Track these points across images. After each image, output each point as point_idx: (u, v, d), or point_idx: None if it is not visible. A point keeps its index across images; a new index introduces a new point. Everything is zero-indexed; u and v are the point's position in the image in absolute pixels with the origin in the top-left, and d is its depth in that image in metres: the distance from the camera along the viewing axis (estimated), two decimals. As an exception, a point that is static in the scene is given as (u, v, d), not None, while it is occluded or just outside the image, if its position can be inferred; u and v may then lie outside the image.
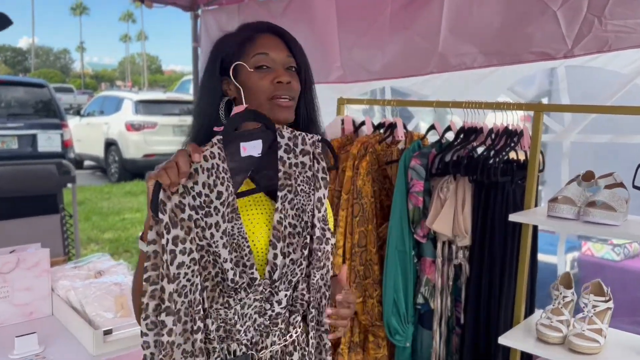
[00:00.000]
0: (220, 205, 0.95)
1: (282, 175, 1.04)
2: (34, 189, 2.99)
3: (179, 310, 0.92)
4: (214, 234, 0.94)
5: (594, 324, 1.64)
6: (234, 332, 1.00)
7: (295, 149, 1.06)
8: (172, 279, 0.90)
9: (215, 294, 0.98)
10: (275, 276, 1.02)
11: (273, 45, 1.12)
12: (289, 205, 1.03)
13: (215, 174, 0.95)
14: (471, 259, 1.90)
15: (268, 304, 1.03)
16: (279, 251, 1.02)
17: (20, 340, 1.71)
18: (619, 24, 1.72)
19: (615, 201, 1.60)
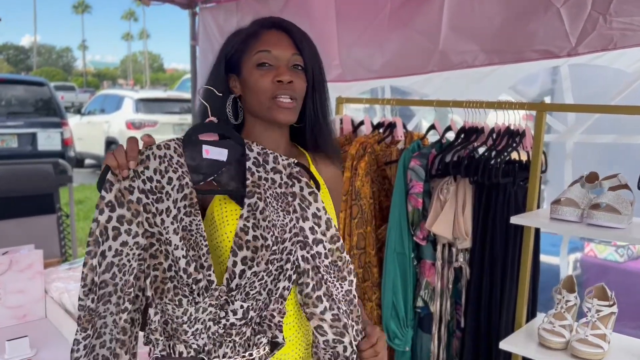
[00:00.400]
0: (171, 191, 0.96)
1: (250, 184, 1.02)
2: (30, 189, 2.96)
3: (116, 284, 0.95)
4: (165, 219, 0.95)
5: (597, 329, 1.61)
6: (180, 332, 0.97)
7: (265, 164, 1.04)
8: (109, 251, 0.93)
9: (165, 287, 0.96)
10: (233, 284, 0.97)
11: (277, 41, 1.08)
12: (260, 215, 0.99)
13: (167, 162, 0.97)
14: (472, 261, 1.86)
15: (223, 312, 0.98)
16: (239, 259, 0.97)
17: (12, 344, 1.68)
18: (625, 21, 1.68)
19: (620, 203, 1.56)
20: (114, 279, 0.94)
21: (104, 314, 0.96)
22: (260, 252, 0.98)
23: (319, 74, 1.13)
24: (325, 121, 1.16)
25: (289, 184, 1.04)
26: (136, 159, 0.94)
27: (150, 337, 0.97)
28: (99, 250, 0.93)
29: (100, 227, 0.93)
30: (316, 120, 1.14)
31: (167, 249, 0.95)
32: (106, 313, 0.96)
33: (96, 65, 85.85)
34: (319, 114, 1.14)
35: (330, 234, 1.04)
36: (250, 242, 0.98)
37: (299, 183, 1.04)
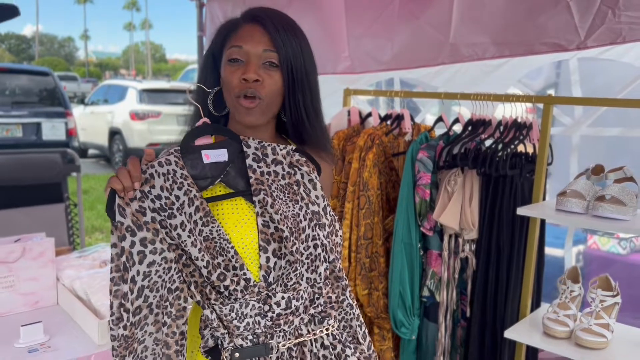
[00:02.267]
0: (181, 207, 0.96)
1: (254, 182, 1.02)
2: (38, 178, 2.99)
3: (150, 304, 0.96)
4: (181, 234, 0.95)
5: (601, 318, 1.63)
6: (232, 328, 1.00)
7: (265, 158, 1.05)
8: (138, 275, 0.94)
9: (206, 290, 0.98)
10: (271, 278, 1.00)
11: (250, 36, 1.04)
12: (271, 209, 1.01)
13: (171, 179, 0.97)
14: (478, 252, 1.88)
15: (267, 305, 1.01)
16: (270, 254, 1.00)
17: (26, 329, 1.71)
18: (634, 15, 1.69)
19: (625, 195, 1.58)
20: (146, 301, 0.95)
21: (142, 337, 0.97)
22: (285, 242, 1.00)
23: (301, 72, 1.06)
24: (309, 119, 1.10)
25: (291, 173, 1.05)
26: (140, 179, 0.94)
27: (216, 334, 1.00)
28: (129, 276, 0.93)
29: (125, 254, 0.93)
30: (298, 118, 1.09)
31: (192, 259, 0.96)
32: (145, 336, 0.97)
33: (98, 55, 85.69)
34: (302, 112, 1.09)
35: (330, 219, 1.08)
36: (274, 234, 1.00)
37: (299, 171, 1.06)
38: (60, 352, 1.68)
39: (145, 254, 0.94)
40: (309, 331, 1.05)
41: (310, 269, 1.03)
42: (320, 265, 1.04)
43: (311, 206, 1.05)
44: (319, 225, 1.05)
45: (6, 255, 1.93)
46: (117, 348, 0.95)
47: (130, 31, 67.79)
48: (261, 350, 1.01)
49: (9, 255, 1.94)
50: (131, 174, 0.93)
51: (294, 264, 1.01)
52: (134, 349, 0.97)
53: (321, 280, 1.05)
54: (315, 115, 1.11)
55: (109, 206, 0.94)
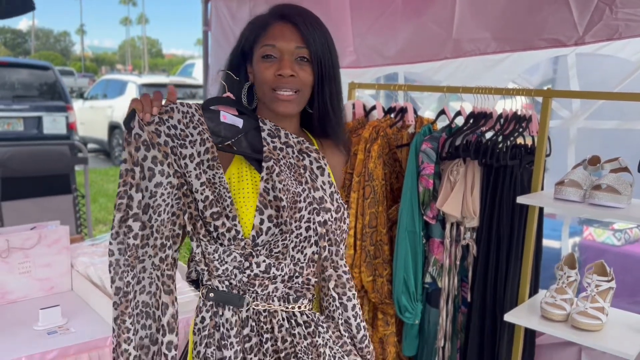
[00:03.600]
0: (193, 141, 1.02)
1: (266, 150, 1.09)
2: (47, 170, 3.05)
3: (152, 225, 1.00)
4: (188, 164, 1.01)
5: (596, 302, 1.71)
6: (212, 268, 1.06)
7: (278, 137, 1.12)
8: (146, 192, 0.98)
9: (198, 224, 1.03)
10: (259, 240, 1.06)
11: (282, 35, 1.11)
12: (277, 178, 1.06)
13: (189, 118, 1.04)
14: (478, 239, 1.95)
15: (247, 262, 1.06)
16: (265, 217, 1.06)
17: (45, 312, 1.78)
18: (630, 12, 1.76)
19: (620, 185, 1.65)
20: (150, 221, 0.99)
21: (142, 257, 1.00)
22: (282, 211, 1.06)
23: (329, 66, 1.14)
24: (334, 112, 1.18)
25: (300, 158, 1.12)
26: (160, 106, 1.02)
27: (197, 268, 1.07)
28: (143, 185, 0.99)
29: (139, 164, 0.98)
30: (325, 110, 1.17)
31: (192, 190, 1.03)
32: (144, 257, 1.00)
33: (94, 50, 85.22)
34: (328, 105, 1.17)
35: (336, 205, 1.13)
36: (272, 202, 1.06)
37: (308, 157, 1.13)
38: (78, 334, 1.74)
39: (154, 173, 0.99)
40: (280, 304, 1.10)
41: (297, 248, 1.08)
42: (307, 247, 1.09)
43: (314, 191, 1.10)
44: (317, 210, 1.10)
45: (23, 242, 1.99)
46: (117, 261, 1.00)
47: (127, 26, 67.51)
48: (235, 299, 1.06)
49: (26, 242, 2.00)
50: (152, 101, 1.01)
51: (284, 234, 1.06)
52: (134, 265, 1.00)
53: (304, 261, 1.10)
54: (339, 108, 1.20)
55: (128, 120, 1.00)
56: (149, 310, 1.03)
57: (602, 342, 1.63)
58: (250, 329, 1.07)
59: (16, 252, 1.98)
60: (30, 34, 60.89)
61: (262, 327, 1.08)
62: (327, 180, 1.13)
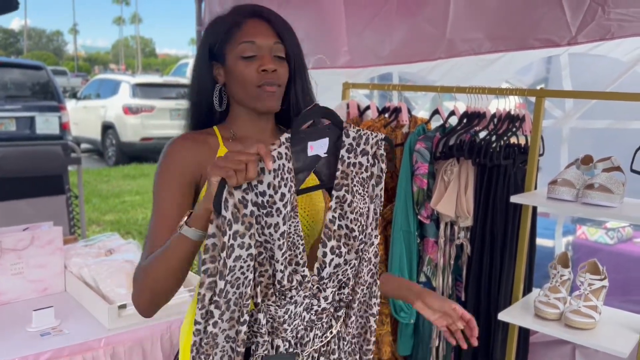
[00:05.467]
0: (282, 207, 0.93)
1: (339, 175, 1.01)
2: (40, 170, 3.03)
3: (229, 300, 0.93)
4: (272, 234, 0.94)
5: (589, 301, 1.72)
6: (280, 330, 1.00)
7: (357, 148, 1.02)
8: (227, 273, 0.91)
9: (269, 292, 0.98)
10: (324, 273, 1.01)
11: (259, 32, 1.11)
12: (348, 208, 1.00)
13: (280, 175, 0.93)
14: (472, 239, 1.96)
15: (315, 299, 1.02)
16: (328, 250, 1.00)
17: (38, 313, 1.77)
18: (622, 12, 1.77)
19: (613, 184, 1.66)
20: (226, 297, 0.92)
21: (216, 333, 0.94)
22: (348, 241, 1.01)
23: (299, 61, 1.16)
24: (306, 105, 1.17)
25: (372, 163, 1.03)
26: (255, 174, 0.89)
27: (258, 340, 0.99)
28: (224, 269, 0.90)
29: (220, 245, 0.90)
30: (298, 107, 1.18)
31: (272, 259, 0.96)
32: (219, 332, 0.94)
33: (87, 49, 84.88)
34: (301, 101, 1.18)
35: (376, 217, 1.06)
36: (336, 232, 1.00)
37: (378, 164, 1.04)
38: (71, 335, 1.74)
39: (234, 248, 0.91)
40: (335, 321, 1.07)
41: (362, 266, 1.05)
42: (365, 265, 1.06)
43: (369, 202, 1.05)
44: (372, 225, 1.06)
45: (16, 243, 1.98)
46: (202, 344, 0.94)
47: (120, 25, 67.27)
48: (286, 359, 1.02)
49: (19, 243, 1.99)
50: (247, 174, 0.88)
51: (350, 262, 1.02)
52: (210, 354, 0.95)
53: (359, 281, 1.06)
54: (310, 101, 1.21)
55: (218, 198, 0.89)
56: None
57: (595, 340, 1.64)
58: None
59: (9, 253, 1.96)
60: (22, 34, 60.55)
61: None
62: (381, 192, 1.06)
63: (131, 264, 2.06)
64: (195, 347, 0.95)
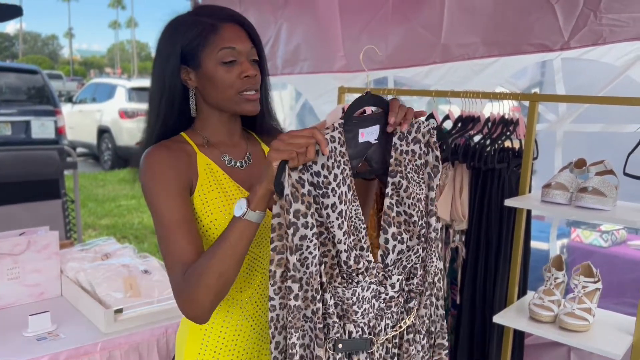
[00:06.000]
0: (336, 187, 0.96)
1: (393, 162, 1.03)
2: (36, 174, 3.03)
3: (301, 279, 0.96)
4: (330, 214, 0.96)
5: (583, 303, 1.73)
6: (350, 313, 1.01)
7: (408, 136, 1.04)
8: (295, 250, 0.95)
9: (334, 272, 0.99)
10: (388, 260, 1.02)
11: (238, 37, 1.11)
12: (404, 193, 1.03)
13: (333, 157, 0.97)
14: (467, 242, 1.97)
15: (382, 287, 1.03)
16: (389, 236, 1.02)
17: (34, 318, 1.77)
18: (613, 17, 1.79)
19: (606, 187, 1.67)
20: (297, 273, 0.95)
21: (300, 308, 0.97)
22: (408, 227, 1.02)
23: (265, 63, 1.19)
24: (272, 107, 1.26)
25: (425, 152, 1.05)
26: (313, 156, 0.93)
27: (328, 321, 1.00)
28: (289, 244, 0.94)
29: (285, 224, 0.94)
30: (269, 107, 1.23)
31: (333, 241, 0.97)
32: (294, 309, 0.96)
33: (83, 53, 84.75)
34: (269, 99, 1.23)
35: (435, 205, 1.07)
36: (395, 218, 1.03)
37: (432, 152, 1.05)
38: (67, 340, 1.74)
39: (297, 227, 0.94)
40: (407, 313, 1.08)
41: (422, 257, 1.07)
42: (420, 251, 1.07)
43: (429, 191, 1.06)
44: (430, 212, 1.06)
45: (12, 247, 1.98)
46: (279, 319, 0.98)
47: (116, 29, 67.22)
48: (362, 344, 1.02)
49: (15, 247, 1.99)
50: (307, 156, 0.92)
51: (413, 248, 1.04)
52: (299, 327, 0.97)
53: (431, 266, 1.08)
54: (271, 100, 1.25)
55: (278, 178, 0.93)
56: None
57: (589, 343, 1.65)
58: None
59: (5, 258, 1.97)
60: (17, 38, 60.42)
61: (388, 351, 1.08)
62: (438, 183, 1.08)
63: (127, 269, 2.07)
64: (272, 323, 0.99)
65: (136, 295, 1.94)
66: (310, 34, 2.42)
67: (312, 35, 2.44)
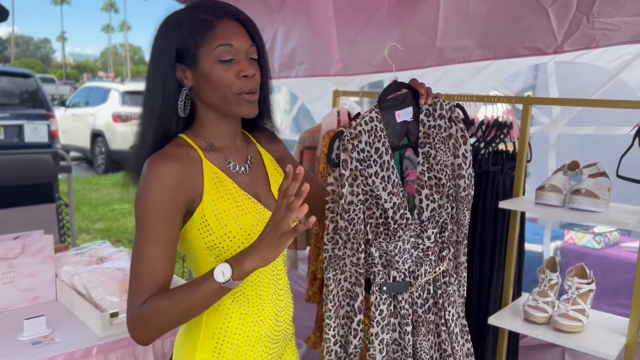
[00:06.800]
0: (378, 158, 1.20)
1: (422, 135, 1.26)
2: (30, 178, 3.02)
3: (348, 234, 1.20)
4: (375, 180, 1.19)
5: (577, 304, 1.74)
6: (393, 262, 1.22)
7: (434, 113, 1.26)
8: (344, 212, 1.18)
9: (379, 230, 1.21)
10: (423, 217, 1.24)
11: (236, 34, 1.06)
12: (433, 160, 1.25)
13: (374, 134, 1.20)
14: (463, 244, 1.98)
15: (419, 239, 1.25)
16: (423, 197, 1.24)
17: (29, 322, 1.76)
18: (606, 21, 1.82)
19: (599, 189, 1.69)
20: (346, 230, 1.20)
21: (343, 256, 1.23)
22: (439, 189, 1.25)
23: (266, 60, 1.14)
24: (272, 107, 1.22)
25: (449, 126, 1.26)
26: None
27: (373, 270, 1.22)
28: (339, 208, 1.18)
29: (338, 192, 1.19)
30: (268, 103, 1.18)
31: (378, 202, 1.19)
32: (344, 256, 1.23)
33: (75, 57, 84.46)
34: (269, 97, 1.18)
35: (469, 171, 1.29)
36: (427, 182, 1.25)
37: (455, 125, 1.26)
38: (63, 344, 1.73)
39: (346, 195, 1.17)
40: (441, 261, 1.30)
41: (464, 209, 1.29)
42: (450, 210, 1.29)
43: (454, 158, 1.25)
44: (458, 175, 1.26)
45: (6, 251, 1.97)
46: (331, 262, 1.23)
47: (109, 33, 67.04)
48: (402, 286, 1.23)
49: (9, 251, 1.98)
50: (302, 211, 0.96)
51: (444, 205, 1.26)
52: (339, 263, 1.24)
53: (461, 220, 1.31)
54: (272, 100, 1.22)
55: (331, 151, 1.18)
56: (348, 294, 1.25)
57: (583, 343, 1.66)
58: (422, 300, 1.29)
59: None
60: (10, 41, 60.11)
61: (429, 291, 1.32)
62: (469, 149, 1.26)
63: (122, 272, 2.06)
64: (325, 266, 1.24)
65: (132, 298, 1.94)
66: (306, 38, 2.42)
67: (308, 38, 2.45)
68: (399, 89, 1.26)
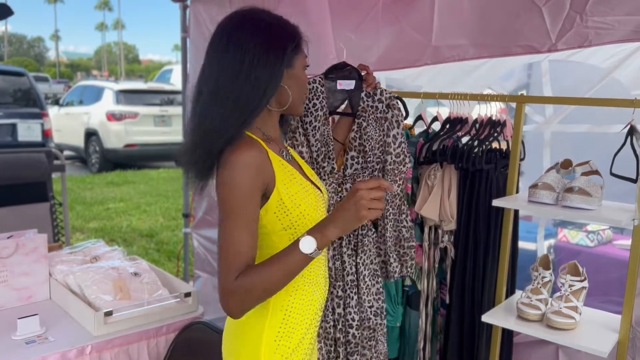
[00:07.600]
0: (314, 110, 1.57)
1: (360, 109, 1.64)
2: (24, 177, 3.00)
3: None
4: (307, 127, 1.57)
5: (570, 302, 1.75)
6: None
7: (374, 96, 1.68)
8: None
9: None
10: (346, 173, 1.63)
11: None
12: (363, 131, 1.65)
13: (313, 93, 1.63)
14: (456, 242, 1.99)
15: (340, 187, 1.64)
16: (349, 156, 1.63)
17: (23, 321, 1.76)
18: (599, 20, 1.82)
19: (591, 187, 1.70)
20: None
21: None
22: (364, 154, 1.64)
23: None
24: None
25: (386, 111, 1.68)
26: None
27: None
28: None
29: None
30: None
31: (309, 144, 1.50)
32: None
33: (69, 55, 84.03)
34: None
35: (397, 151, 1.67)
36: (355, 147, 1.66)
37: (392, 111, 1.68)
38: (57, 343, 1.73)
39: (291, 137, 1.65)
40: None
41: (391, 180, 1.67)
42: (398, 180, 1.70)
43: (385, 137, 1.67)
44: (386, 151, 1.67)
45: (0, 250, 1.96)
46: None
47: (103, 31, 66.75)
48: None
49: (3, 250, 1.98)
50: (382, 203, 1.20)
51: (365, 169, 1.65)
52: None
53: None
54: None
55: None
56: None
57: (576, 340, 1.67)
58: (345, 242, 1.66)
59: (-7, 261, 1.95)
60: (3, 40, 59.74)
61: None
62: (399, 132, 1.66)
63: (117, 271, 2.06)
64: None
65: (126, 297, 1.94)
66: (302, 36, 2.42)
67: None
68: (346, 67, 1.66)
